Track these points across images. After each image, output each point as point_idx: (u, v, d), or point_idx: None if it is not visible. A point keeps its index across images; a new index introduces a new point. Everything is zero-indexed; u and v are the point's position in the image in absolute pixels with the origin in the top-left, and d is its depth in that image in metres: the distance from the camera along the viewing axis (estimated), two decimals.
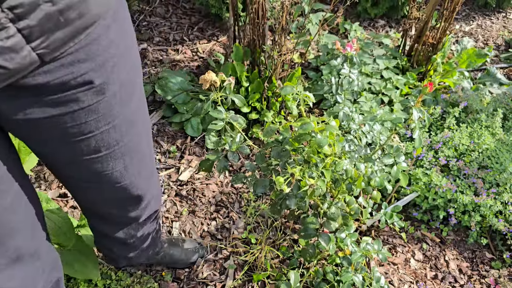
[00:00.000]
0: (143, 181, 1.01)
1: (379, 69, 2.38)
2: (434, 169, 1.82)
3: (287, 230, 1.74)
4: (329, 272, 1.46)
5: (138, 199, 1.05)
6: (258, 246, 1.62)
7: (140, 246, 1.28)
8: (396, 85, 2.31)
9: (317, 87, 2.27)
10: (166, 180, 1.92)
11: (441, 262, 1.72)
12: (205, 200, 1.85)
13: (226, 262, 1.64)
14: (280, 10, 1.80)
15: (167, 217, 1.79)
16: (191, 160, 2.00)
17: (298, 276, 1.34)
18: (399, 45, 2.53)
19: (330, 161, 1.03)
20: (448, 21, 2.20)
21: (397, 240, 1.77)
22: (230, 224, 1.77)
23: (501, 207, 1.71)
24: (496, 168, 1.81)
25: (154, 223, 1.28)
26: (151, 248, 1.35)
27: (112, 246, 1.25)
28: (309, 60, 2.51)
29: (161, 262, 1.57)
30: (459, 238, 1.81)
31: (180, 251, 1.58)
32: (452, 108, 2.10)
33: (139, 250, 1.29)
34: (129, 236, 1.20)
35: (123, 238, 1.19)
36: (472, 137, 1.95)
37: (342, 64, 2.24)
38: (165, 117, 2.17)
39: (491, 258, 1.74)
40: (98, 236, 1.24)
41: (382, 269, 1.66)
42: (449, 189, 1.75)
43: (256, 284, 1.57)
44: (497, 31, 3.02)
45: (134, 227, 1.18)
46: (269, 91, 2.05)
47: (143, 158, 0.98)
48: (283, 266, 1.62)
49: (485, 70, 2.52)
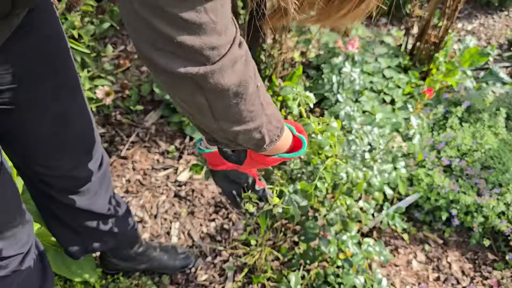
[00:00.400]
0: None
1: (380, 68, 2.35)
2: (436, 169, 1.79)
3: (287, 231, 1.72)
4: (330, 274, 1.44)
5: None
6: (258, 248, 1.60)
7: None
8: (398, 84, 2.28)
9: (318, 86, 2.25)
10: (165, 181, 1.90)
11: (444, 264, 1.70)
12: (204, 201, 1.83)
13: (225, 264, 1.62)
14: None
15: (165, 218, 1.76)
16: (190, 160, 1.98)
17: (298, 278, 1.32)
18: (401, 44, 2.51)
19: (331, 162, 1.00)
20: (450, 19, 2.18)
21: (399, 241, 1.75)
22: (229, 225, 1.75)
23: (504, 207, 1.69)
24: (499, 168, 1.79)
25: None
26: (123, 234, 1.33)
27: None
28: (310, 59, 2.49)
29: (149, 268, 1.54)
30: (461, 239, 1.78)
31: (169, 257, 1.55)
32: (454, 108, 2.08)
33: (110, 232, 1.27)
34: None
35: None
36: (474, 137, 1.93)
37: (343, 63, 2.21)
38: (163, 117, 2.15)
39: (494, 259, 1.72)
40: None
41: (384, 270, 1.64)
42: (452, 189, 1.73)
43: (256, 286, 1.55)
44: (499, 30, 2.99)
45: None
46: (270, 90, 2.03)
47: None
48: (284, 268, 1.59)
49: (488, 69, 2.50)
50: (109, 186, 1.22)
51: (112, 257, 1.46)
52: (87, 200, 1.15)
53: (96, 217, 1.21)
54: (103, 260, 1.51)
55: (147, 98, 2.22)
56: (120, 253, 1.44)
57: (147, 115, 2.15)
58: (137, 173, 1.91)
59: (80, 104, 1.03)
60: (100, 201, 1.19)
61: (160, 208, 1.79)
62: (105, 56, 2.31)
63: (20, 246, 0.96)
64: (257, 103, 0.63)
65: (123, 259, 1.47)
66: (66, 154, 1.05)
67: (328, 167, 1.01)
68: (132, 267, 1.50)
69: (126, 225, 1.32)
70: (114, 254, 1.44)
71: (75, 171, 1.09)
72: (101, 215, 1.22)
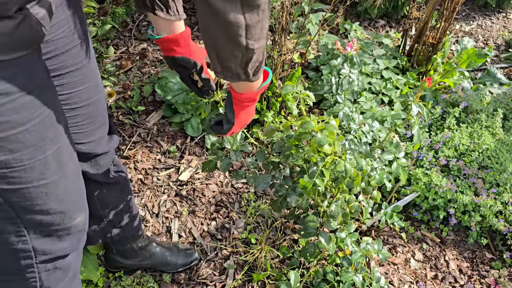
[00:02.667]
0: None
1: (379, 69, 2.38)
2: (434, 169, 1.81)
3: (287, 230, 1.74)
4: (329, 272, 1.46)
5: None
6: (258, 246, 1.62)
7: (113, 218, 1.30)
8: (396, 85, 2.31)
9: (317, 87, 2.27)
10: (166, 180, 1.92)
11: (441, 262, 1.72)
12: (205, 200, 1.85)
13: (226, 262, 1.64)
14: (280, 10, 1.80)
15: (167, 217, 1.78)
16: (191, 160, 2.00)
17: (298, 276, 1.34)
18: (399, 45, 2.53)
19: (330, 160, 1.02)
20: (448, 21, 2.20)
21: (397, 240, 1.77)
22: (230, 224, 1.77)
23: (501, 207, 1.71)
24: (496, 168, 1.81)
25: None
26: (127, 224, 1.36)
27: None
28: (309, 60, 2.51)
29: (151, 265, 1.56)
30: (459, 238, 1.80)
31: (171, 254, 1.57)
32: (452, 108, 2.10)
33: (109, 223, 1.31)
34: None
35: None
36: (472, 137, 1.95)
37: (342, 64, 2.24)
38: (165, 117, 2.17)
39: (491, 258, 1.74)
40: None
41: (382, 269, 1.66)
42: (449, 189, 1.75)
43: (256, 284, 1.57)
44: (497, 31, 3.02)
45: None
46: (269, 91, 2.05)
47: None
48: (283, 266, 1.61)
49: (485, 70, 2.52)
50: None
51: (115, 254, 1.48)
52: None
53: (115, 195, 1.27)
54: (106, 258, 1.52)
55: (149, 98, 2.24)
56: (123, 247, 1.46)
57: (149, 116, 2.17)
58: (139, 173, 1.93)
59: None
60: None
61: (161, 207, 1.81)
62: (107, 57, 2.34)
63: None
64: (267, 20, 0.76)
65: (126, 256, 1.49)
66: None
67: (328, 164, 1.03)
68: (135, 264, 1.52)
69: (136, 210, 1.39)
70: (117, 249, 1.46)
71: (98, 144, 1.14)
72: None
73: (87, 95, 1.02)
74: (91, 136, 1.08)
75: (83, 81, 1.00)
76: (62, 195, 0.89)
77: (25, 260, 0.91)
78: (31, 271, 0.93)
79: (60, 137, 0.87)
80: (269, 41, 2.20)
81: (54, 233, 0.92)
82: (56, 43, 0.90)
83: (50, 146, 0.83)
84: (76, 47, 0.95)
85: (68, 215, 0.93)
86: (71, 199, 0.93)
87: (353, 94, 2.22)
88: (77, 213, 0.96)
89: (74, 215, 0.95)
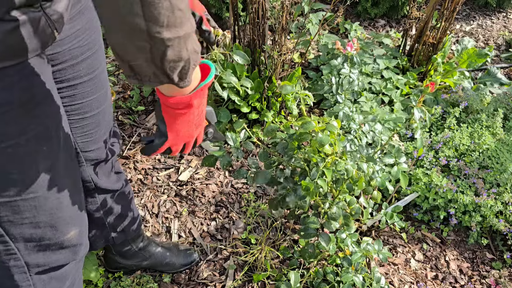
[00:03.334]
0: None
1: (379, 69, 2.37)
2: (434, 169, 1.81)
3: (287, 230, 1.73)
4: (329, 273, 1.46)
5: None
6: (258, 247, 1.61)
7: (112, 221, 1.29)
8: (396, 85, 2.30)
9: (317, 87, 2.27)
10: (166, 180, 1.91)
11: (442, 263, 1.72)
12: (205, 200, 1.84)
13: (226, 263, 1.64)
14: (280, 10, 1.80)
15: (166, 217, 1.78)
16: (191, 160, 1.99)
17: (298, 276, 1.34)
18: (400, 45, 2.53)
19: (331, 160, 1.02)
20: (448, 20, 2.20)
21: (398, 240, 1.77)
22: (230, 224, 1.77)
23: (502, 207, 1.71)
24: (496, 168, 1.81)
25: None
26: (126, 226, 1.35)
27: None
28: (309, 60, 2.51)
29: (151, 266, 1.55)
30: (459, 238, 1.80)
31: (171, 254, 1.57)
32: (452, 108, 2.10)
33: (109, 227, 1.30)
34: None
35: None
36: (472, 137, 1.94)
37: (342, 64, 2.23)
38: None
39: (492, 258, 1.74)
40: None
41: (383, 269, 1.66)
42: (450, 189, 1.75)
43: (256, 285, 1.57)
44: (497, 31, 3.01)
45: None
46: (269, 91, 2.04)
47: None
48: (283, 266, 1.61)
49: (486, 70, 2.52)
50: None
51: (115, 254, 1.48)
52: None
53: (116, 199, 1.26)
54: (106, 259, 1.52)
55: (148, 98, 2.24)
56: (123, 248, 1.45)
57: (149, 116, 2.16)
58: (139, 173, 1.93)
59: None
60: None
61: (161, 207, 1.81)
62: (107, 57, 2.33)
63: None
64: (184, 3, 0.60)
65: (126, 257, 1.48)
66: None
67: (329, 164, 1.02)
68: (134, 264, 1.52)
69: (136, 212, 1.39)
70: (117, 250, 1.46)
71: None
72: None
73: (97, 104, 1.01)
74: (99, 142, 1.07)
75: (94, 90, 0.98)
76: (53, 209, 0.87)
77: (19, 275, 0.90)
78: (26, 284, 0.92)
79: (56, 153, 0.84)
80: (269, 41, 2.19)
81: (47, 248, 0.91)
82: (71, 53, 0.89)
83: (42, 161, 0.81)
84: (91, 57, 0.94)
85: (60, 230, 0.91)
86: (64, 214, 0.91)
87: (353, 94, 2.21)
88: (70, 228, 0.94)
89: (67, 229, 0.93)
